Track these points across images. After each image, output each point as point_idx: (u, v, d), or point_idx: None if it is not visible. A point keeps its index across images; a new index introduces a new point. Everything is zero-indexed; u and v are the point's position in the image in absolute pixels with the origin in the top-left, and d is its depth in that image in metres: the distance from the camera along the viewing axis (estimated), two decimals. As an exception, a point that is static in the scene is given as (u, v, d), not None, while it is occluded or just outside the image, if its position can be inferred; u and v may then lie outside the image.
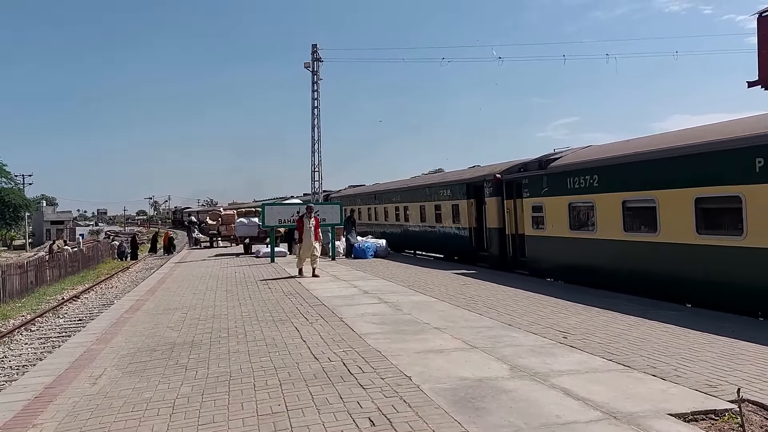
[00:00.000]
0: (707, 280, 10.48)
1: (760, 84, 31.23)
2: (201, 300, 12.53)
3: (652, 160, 11.88)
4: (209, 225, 33.49)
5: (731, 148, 10.12)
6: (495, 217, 18.38)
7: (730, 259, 10.02)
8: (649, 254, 11.75)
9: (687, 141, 11.33)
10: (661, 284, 11.44)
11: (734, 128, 10.67)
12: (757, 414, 5.03)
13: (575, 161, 14.41)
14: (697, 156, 10.85)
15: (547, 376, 6.19)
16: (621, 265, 12.61)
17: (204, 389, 6.07)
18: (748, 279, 9.65)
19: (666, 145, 11.84)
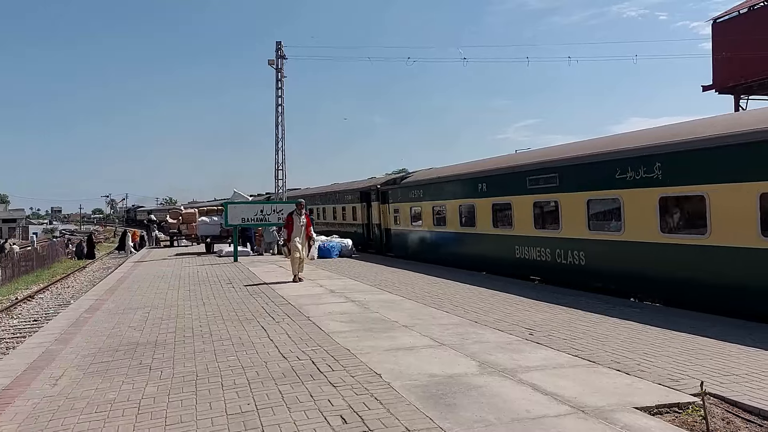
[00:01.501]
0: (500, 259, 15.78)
1: (714, 88, 32.25)
2: (163, 299, 12.28)
3: (449, 181, 18.95)
4: (170, 224, 32.83)
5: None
6: (377, 216, 24.81)
7: (609, 251, 12.12)
8: (447, 239, 18.89)
9: (493, 165, 17.04)
10: (456, 258, 18.11)
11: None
12: (719, 407, 5.19)
13: (412, 180, 22.11)
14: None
15: (516, 371, 6.26)
16: (435, 247, 19.68)
17: (170, 389, 5.95)
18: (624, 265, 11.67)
19: (465, 171, 18.39)
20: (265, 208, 21.81)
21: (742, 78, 27.35)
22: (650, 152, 10.89)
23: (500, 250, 15.73)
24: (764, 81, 27.20)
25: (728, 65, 27.63)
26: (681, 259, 10.25)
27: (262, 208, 21.79)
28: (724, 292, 9.55)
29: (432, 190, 19.88)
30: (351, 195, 27.86)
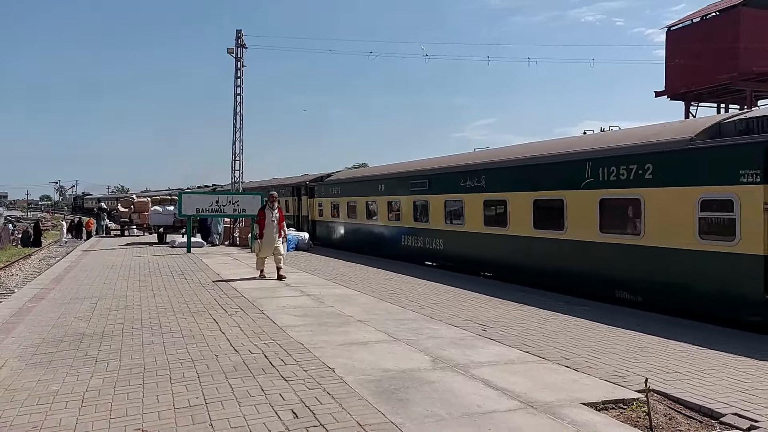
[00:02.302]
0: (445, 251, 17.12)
1: (666, 94, 33.16)
2: (112, 290, 11.95)
3: (359, 182, 22.89)
4: (121, 212, 32.01)
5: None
6: (305, 209, 27.50)
7: (457, 239, 16.26)
8: (358, 229, 22.26)
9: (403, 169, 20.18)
10: (364, 245, 21.45)
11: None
12: (662, 403, 5.34)
13: (333, 179, 25.47)
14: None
15: (468, 367, 6.32)
16: (350, 235, 22.92)
17: (116, 382, 5.79)
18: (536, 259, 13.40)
19: (369, 174, 23.10)
20: (220, 198, 21.45)
21: (693, 85, 28.23)
22: (478, 168, 15.40)
23: (394, 239, 19.56)
24: (714, 89, 28.15)
25: (680, 72, 28.49)
26: (495, 244, 14.56)
27: (217, 199, 21.43)
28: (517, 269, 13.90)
29: (347, 189, 23.60)
30: (285, 189, 29.76)
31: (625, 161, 10.86)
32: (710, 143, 9.58)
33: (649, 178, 10.40)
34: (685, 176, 9.77)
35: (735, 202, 8.91)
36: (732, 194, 8.96)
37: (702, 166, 9.51)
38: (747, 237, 8.72)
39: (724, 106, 29.95)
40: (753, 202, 8.64)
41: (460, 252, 16.06)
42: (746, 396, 5.42)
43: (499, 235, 14.34)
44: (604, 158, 11.33)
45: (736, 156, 9.02)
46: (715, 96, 29.57)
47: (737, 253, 8.88)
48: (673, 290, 9.98)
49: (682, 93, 29.51)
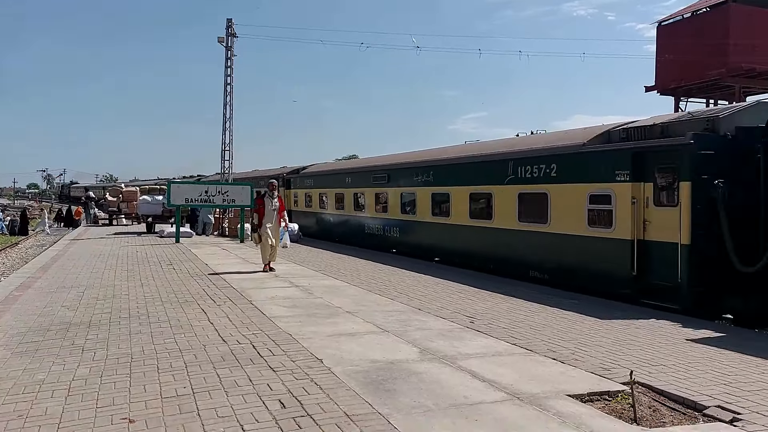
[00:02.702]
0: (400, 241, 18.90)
1: (656, 89, 33.27)
2: (99, 279, 11.89)
3: (329, 174, 24.66)
4: (109, 201, 31.80)
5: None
6: (283, 199, 27.20)
7: (410, 227, 18.30)
8: (327, 218, 24.08)
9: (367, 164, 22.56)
10: (332, 233, 23.28)
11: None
12: (647, 395, 5.40)
13: (307, 172, 27.10)
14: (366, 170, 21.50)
15: (456, 358, 6.35)
16: (320, 223, 24.41)
17: (103, 371, 5.77)
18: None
19: (338, 168, 25.31)
20: (210, 189, 21.36)
21: (683, 81, 28.34)
22: (427, 165, 17.33)
23: (359, 228, 21.28)
24: (703, 85, 28.29)
25: (670, 67, 28.59)
26: (442, 232, 16.49)
27: (206, 189, 21.33)
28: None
29: (319, 181, 25.21)
30: (264, 180, 30.95)
31: (537, 162, 12.80)
32: (596, 148, 11.53)
33: (553, 176, 12.36)
34: (579, 175, 11.73)
35: (612, 196, 10.92)
36: (610, 190, 10.96)
37: (590, 167, 11.50)
38: (620, 225, 10.74)
39: (713, 101, 30.13)
40: (624, 197, 10.63)
41: (414, 240, 17.89)
42: (730, 389, 5.49)
43: (444, 224, 16.28)
44: (522, 159, 13.35)
45: (612, 159, 11.02)
46: (704, 91, 29.72)
47: (613, 239, 10.89)
48: (571, 270, 11.85)
49: (672, 88, 29.62)
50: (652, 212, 10.30)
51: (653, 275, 10.23)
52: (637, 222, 10.44)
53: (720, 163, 9.55)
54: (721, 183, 9.27)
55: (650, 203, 10.36)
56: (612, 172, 10.90)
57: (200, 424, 4.43)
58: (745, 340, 7.77)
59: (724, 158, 9.58)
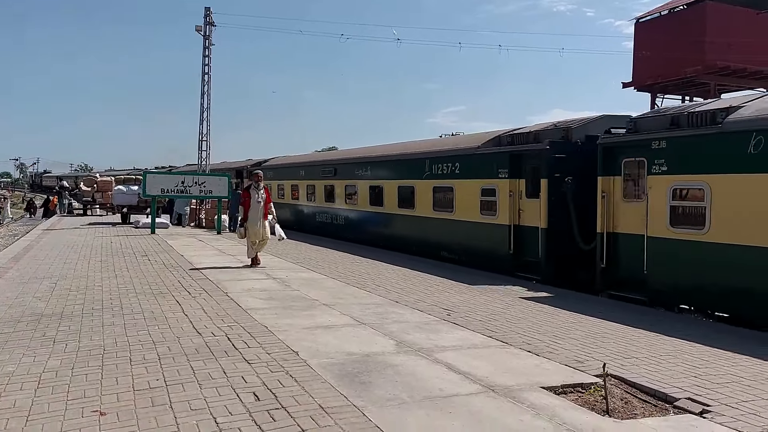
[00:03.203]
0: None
1: (633, 85, 33.63)
2: (72, 270, 11.70)
3: (288, 167, 26.25)
4: (83, 191, 31.29)
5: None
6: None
7: (353, 216, 20.57)
8: (286, 208, 24.27)
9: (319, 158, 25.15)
10: (292, 222, 23.62)
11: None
12: (619, 387, 5.47)
13: (269, 165, 27.86)
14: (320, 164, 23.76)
15: (432, 351, 6.37)
16: (280, 213, 21.67)
17: (74, 363, 5.68)
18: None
19: (295, 161, 26.22)
20: (186, 179, 21.12)
21: (660, 77, 28.69)
22: (366, 160, 19.78)
23: (312, 217, 23.48)
24: (679, 81, 28.66)
25: (647, 64, 28.91)
26: (377, 219, 18.80)
27: (183, 179, 21.09)
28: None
29: (278, 173, 26.84)
30: (230, 172, 31.75)
31: (445, 161, 15.32)
32: (486, 150, 14.08)
33: (457, 173, 14.91)
34: (474, 172, 14.26)
35: (496, 190, 13.47)
36: (495, 185, 13.49)
37: (482, 166, 13.98)
38: (501, 213, 13.32)
39: (689, 98, 30.53)
40: (505, 191, 13.21)
41: (357, 227, 20.04)
42: (699, 381, 5.58)
43: (379, 213, 18.67)
44: (435, 158, 15.85)
45: (496, 160, 13.57)
46: (680, 88, 30.12)
47: (497, 224, 13.41)
48: (470, 250, 14.32)
49: (649, 84, 29.97)
50: (525, 203, 12.90)
51: (524, 253, 12.84)
52: (513, 211, 13.07)
53: (570, 165, 11.79)
54: (570, 180, 11.60)
55: (523, 196, 12.92)
56: (496, 170, 13.48)
57: (172, 417, 4.38)
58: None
59: (574, 161, 11.82)
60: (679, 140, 9.63)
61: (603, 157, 11.05)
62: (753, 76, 27.61)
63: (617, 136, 11.08)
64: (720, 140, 8.97)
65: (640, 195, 10.41)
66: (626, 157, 10.77)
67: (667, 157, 9.73)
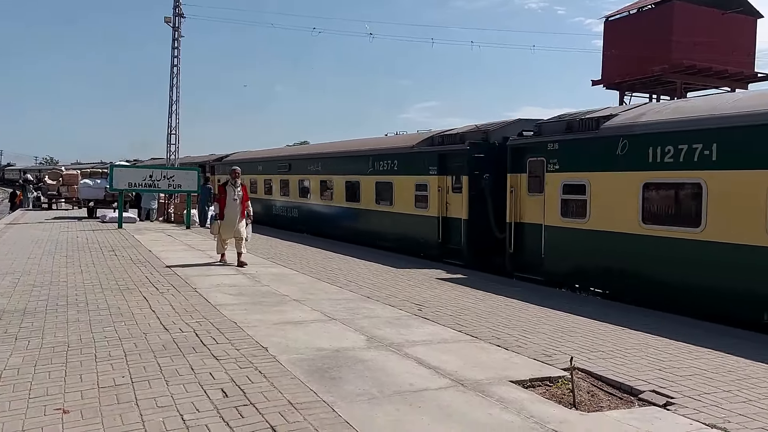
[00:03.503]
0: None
1: (602, 83, 34.08)
2: (36, 265, 11.43)
3: (248, 162, 25.99)
4: (48, 185, 30.57)
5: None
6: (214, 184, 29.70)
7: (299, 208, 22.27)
8: (262, 204, 24.12)
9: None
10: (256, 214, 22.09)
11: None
12: (586, 380, 5.55)
13: (228, 160, 28.70)
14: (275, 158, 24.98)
15: (402, 346, 6.38)
16: (255, 208, 22.11)
17: (37, 360, 5.55)
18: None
19: (251, 156, 27.40)
20: (154, 173, 20.78)
21: (628, 75, 29.14)
22: (316, 156, 21.30)
23: (269, 209, 24.29)
24: (647, 80, 29.16)
25: (616, 62, 29.34)
26: (327, 212, 20.18)
27: (151, 173, 20.75)
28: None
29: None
30: (197, 165, 33.08)
31: (386, 158, 16.78)
32: (419, 149, 15.53)
33: (396, 169, 16.36)
34: (410, 169, 15.72)
35: (428, 185, 14.92)
36: (427, 181, 14.96)
37: (416, 163, 15.46)
38: (432, 206, 14.76)
39: (656, 96, 31.08)
40: (434, 186, 14.71)
41: (309, 219, 21.28)
42: (664, 374, 5.69)
43: (329, 206, 20.02)
44: (377, 155, 17.23)
45: (428, 158, 15.08)
46: (647, 87, 30.64)
47: (428, 216, 14.86)
48: (407, 239, 15.76)
49: (617, 83, 30.42)
50: (451, 197, 14.31)
51: (450, 241, 14.27)
52: (441, 204, 14.53)
53: (488, 163, 13.20)
54: (487, 177, 12.94)
55: (450, 191, 14.34)
56: (428, 167, 14.98)
57: (138, 414, 4.31)
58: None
59: (491, 159, 13.24)
60: (567, 143, 11.10)
61: (511, 157, 12.52)
62: (718, 75, 28.23)
63: (523, 138, 12.43)
64: (597, 143, 10.42)
65: (541, 190, 11.70)
66: (530, 157, 12.05)
67: (559, 157, 11.24)
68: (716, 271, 8.50)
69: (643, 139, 9.56)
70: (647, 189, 9.51)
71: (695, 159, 8.79)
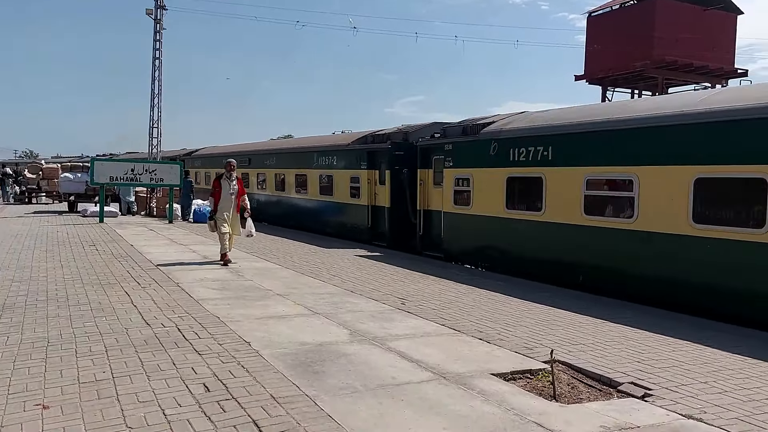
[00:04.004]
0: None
1: (585, 78, 34.26)
2: (16, 260, 11.29)
3: (212, 156, 28.87)
4: (28, 178, 30.19)
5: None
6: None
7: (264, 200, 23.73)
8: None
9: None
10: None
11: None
12: (566, 373, 5.61)
13: (197, 154, 31.76)
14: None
15: (385, 340, 6.41)
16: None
17: (16, 356, 5.50)
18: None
19: (219, 151, 28.95)
20: (136, 167, 20.60)
21: (610, 71, 29.36)
22: (273, 152, 24.08)
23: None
24: (629, 75, 29.40)
25: (599, 58, 29.55)
26: (282, 203, 22.44)
27: (133, 167, 20.57)
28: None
29: (203, 162, 29.88)
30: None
31: (328, 154, 19.03)
32: (353, 147, 17.94)
33: (335, 164, 18.64)
34: (346, 164, 17.93)
35: (360, 177, 17.19)
36: (359, 174, 17.22)
37: (351, 159, 17.74)
38: (363, 196, 17.07)
39: (638, 92, 31.36)
40: (365, 179, 17.00)
41: (265, 210, 22.83)
42: (642, 366, 5.78)
43: (282, 196, 22.34)
44: (321, 151, 19.60)
45: (359, 155, 17.38)
46: (629, 82, 30.90)
47: (360, 204, 17.13)
48: (345, 227, 17.89)
49: (600, 78, 30.64)
50: (378, 188, 16.64)
51: (378, 226, 16.55)
52: (370, 194, 16.81)
53: (406, 160, 15.64)
54: (405, 171, 15.60)
55: (377, 183, 16.66)
56: (359, 163, 17.26)
57: (119, 409, 4.30)
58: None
59: (409, 157, 15.57)
60: (458, 144, 13.55)
61: (421, 155, 15.09)
62: (698, 71, 28.53)
63: (429, 140, 14.87)
64: (478, 145, 12.78)
65: (441, 182, 14.06)
66: (434, 155, 14.55)
67: (453, 155, 13.62)
68: (551, 243, 10.94)
69: (507, 142, 11.93)
70: (510, 181, 11.89)
71: (539, 158, 11.18)
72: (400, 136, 16.56)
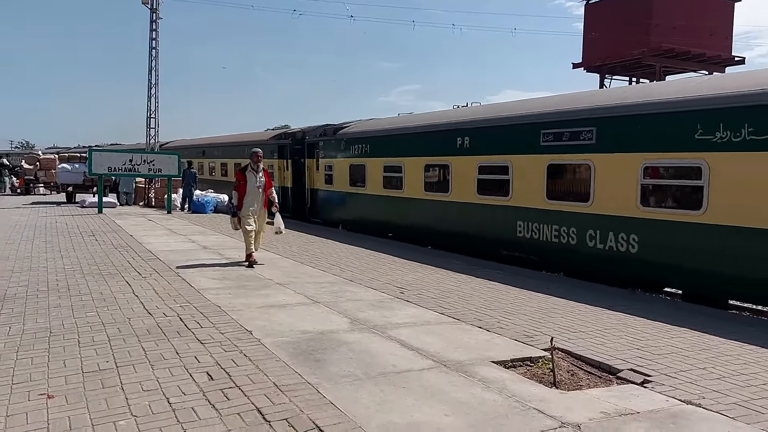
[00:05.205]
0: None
1: (583, 66, 34.17)
2: (15, 250, 11.30)
3: (209, 147, 31.57)
4: (25, 169, 30.12)
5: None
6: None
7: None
8: (212, 182, 28.37)
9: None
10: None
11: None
12: (566, 360, 5.66)
13: (177, 144, 34.20)
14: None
15: (385, 328, 6.45)
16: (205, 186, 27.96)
17: (19, 346, 5.52)
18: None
19: (209, 142, 32.51)
20: (134, 157, 20.57)
21: (608, 59, 29.33)
22: (217, 145, 29.55)
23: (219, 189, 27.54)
24: (626, 63, 29.36)
25: (596, 45, 29.51)
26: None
27: (131, 158, 20.53)
28: None
29: (186, 153, 30.75)
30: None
31: (254, 146, 19.42)
32: (270, 141, 23.16)
33: (275, 156, 22.48)
34: (266, 155, 17.53)
35: (274, 165, 21.80)
36: (273, 162, 21.83)
37: (267, 151, 18.83)
38: (277, 180, 21.21)
39: (635, 79, 31.31)
40: (276, 166, 22.07)
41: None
42: (642, 353, 5.83)
43: (224, 180, 25.20)
44: (250, 144, 21.55)
45: (273, 148, 22.21)
46: (627, 70, 30.86)
47: (283, 186, 21.74)
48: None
49: (597, 66, 30.61)
50: (285, 173, 21.89)
51: (286, 201, 19.92)
52: (280, 178, 21.64)
53: (302, 152, 21.00)
54: (302, 161, 20.86)
55: (285, 169, 21.95)
56: (273, 154, 21.98)
57: (124, 398, 4.33)
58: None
59: (303, 150, 20.90)
60: (325, 141, 19.44)
61: (307, 149, 20.72)
62: (696, 59, 28.51)
63: (312, 137, 20.44)
64: (336, 142, 18.60)
65: (318, 169, 19.58)
66: (315, 149, 20.07)
67: (324, 150, 19.57)
68: (374, 209, 16.65)
69: (349, 141, 17.78)
70: (351, 167, 17.67)
71: (363, 152, 17.01)
72: (300, 134, 21.75)
